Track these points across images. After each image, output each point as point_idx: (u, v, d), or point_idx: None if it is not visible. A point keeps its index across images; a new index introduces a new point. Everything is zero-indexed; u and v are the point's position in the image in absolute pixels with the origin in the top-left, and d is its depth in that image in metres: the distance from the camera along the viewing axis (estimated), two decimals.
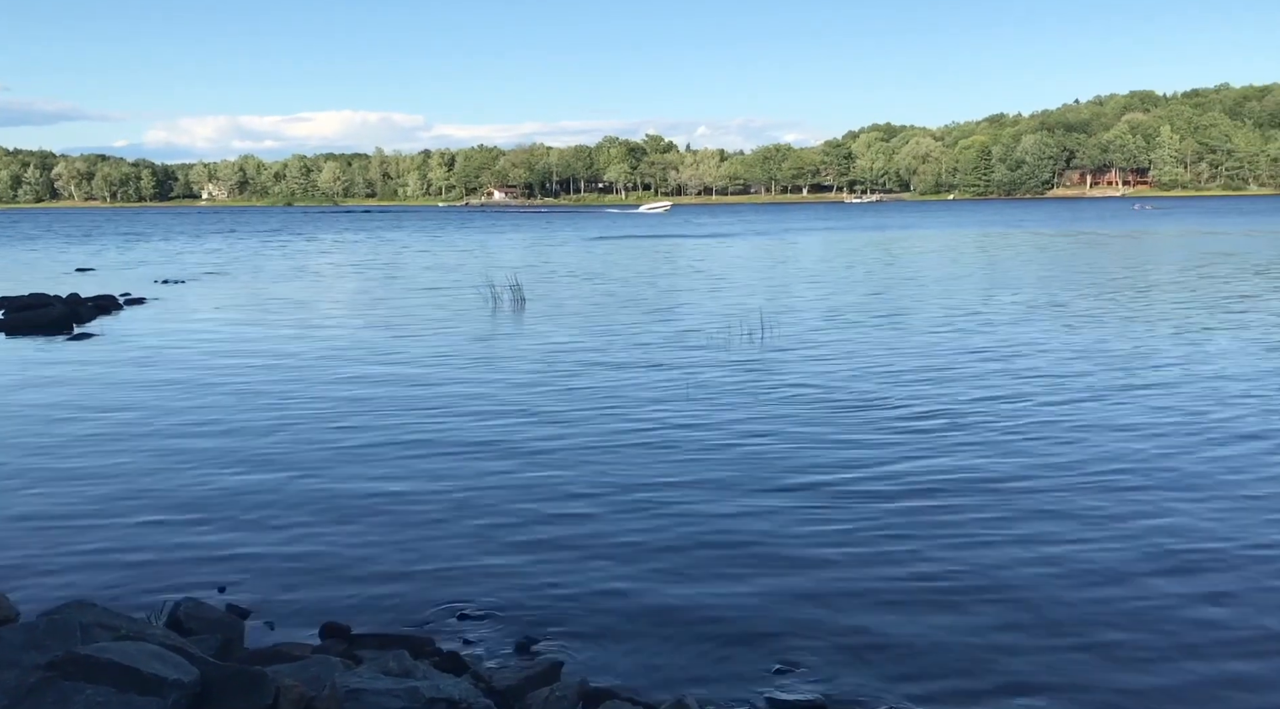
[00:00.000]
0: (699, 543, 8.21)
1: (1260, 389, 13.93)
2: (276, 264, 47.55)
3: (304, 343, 20.13)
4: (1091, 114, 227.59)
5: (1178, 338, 18.88)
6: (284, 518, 9.04)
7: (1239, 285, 28.96)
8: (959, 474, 10.05)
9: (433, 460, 10.90)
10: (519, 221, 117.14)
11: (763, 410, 13.04)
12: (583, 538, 8.37)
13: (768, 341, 19.03)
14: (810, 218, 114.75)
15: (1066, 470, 10.13)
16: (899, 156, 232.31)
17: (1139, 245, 52.85)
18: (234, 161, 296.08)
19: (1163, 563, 7.65)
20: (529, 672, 5.71)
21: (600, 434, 11.90)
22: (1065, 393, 13.85)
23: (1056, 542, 8.13)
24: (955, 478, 9.92)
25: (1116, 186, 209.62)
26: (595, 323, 22.72)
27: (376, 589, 7.40)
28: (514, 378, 15.74)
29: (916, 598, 7.03)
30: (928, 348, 18.12)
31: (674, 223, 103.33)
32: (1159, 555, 7.81)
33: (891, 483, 9.79)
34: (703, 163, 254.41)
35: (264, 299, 29.97)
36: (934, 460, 10.55)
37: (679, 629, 6.61)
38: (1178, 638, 6.39)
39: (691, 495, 9.48)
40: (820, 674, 5.97)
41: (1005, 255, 46.03)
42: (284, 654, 5.43)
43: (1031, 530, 8.39)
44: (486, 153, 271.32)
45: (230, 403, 14.13)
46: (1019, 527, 8.49)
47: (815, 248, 55.74)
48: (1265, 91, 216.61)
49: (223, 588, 7.46)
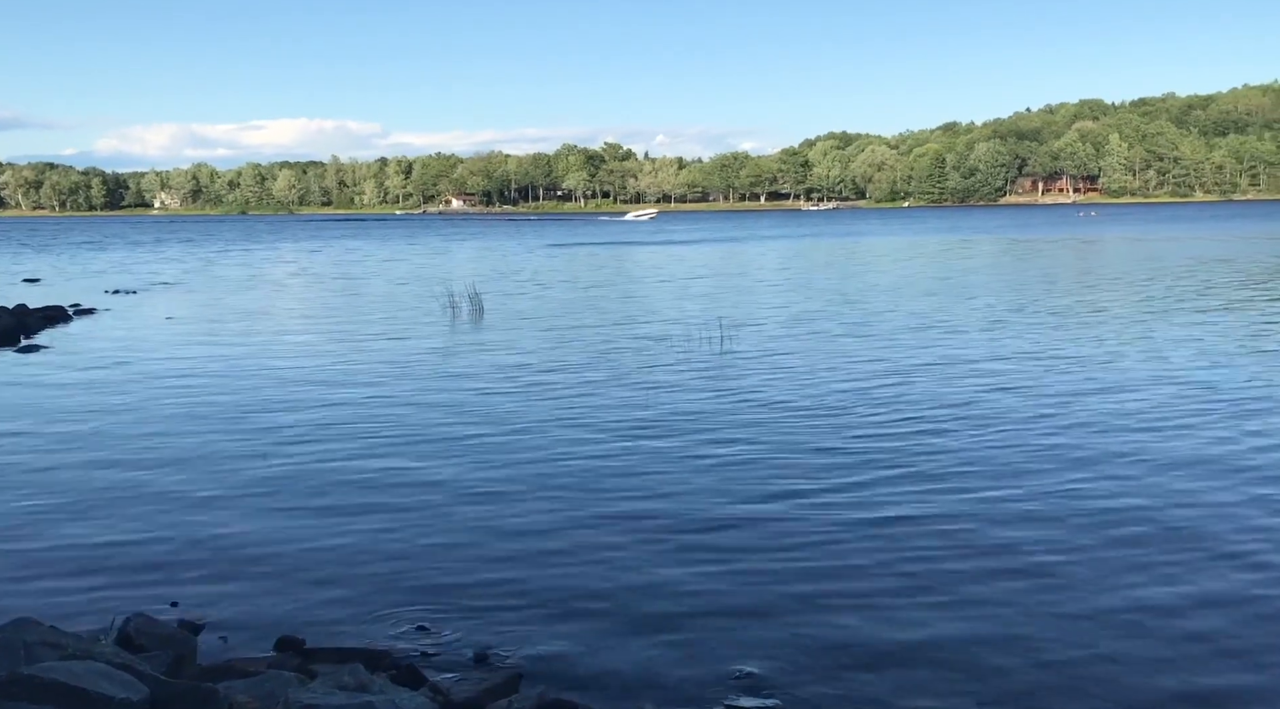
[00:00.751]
0: (658, 552, 8.20)
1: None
2: (231, 273, 46.96)
3: (256, 354, 19.88)
4: (1043, 122, 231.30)
5: (1107, 336, 19.22)
6: (238, 531, 8.91)
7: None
8: (917, 480, 10.13)
9: (389, 472, 10.79)
10: (488, 228, 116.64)
11: (723, 418, 13.07)
12: (541, 549, 8.33)
13: (728, 348, 19.08)
14: (770, 225, 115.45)
15: (1023, 475, 10.25)
16: (855, 164, 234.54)
17: (1075, 250, 53.76)
18: (187, 170, 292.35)
19: (1121, 556, 7.76)
20: (488, 683, 5.66)
21: (559, 444, 11.86)
22: (1020, 394, 14.04)
23: (1020, 549, 8.22)
24: (914, 483, 10.00)
25: (1067, 193, 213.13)
26: (554, 331, 22.67)
27: (333, 602, 7.31)
28: (470, 388, 15.65)
29: (878, 605, 7.06)
30: (887, 354, 18.28)
31: (646, 230, 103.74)
32: (1120, 547, 7.92)
33: (851, 491, 9.84)
34: (661, 171, 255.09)
35: (217, 310, 29.57)
36: (891, 469, 10.63)
37: (639, 639, 6.59)
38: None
39: (652, 505, 9.47)
40: (780, 681, 5.98)
41: (959, 262, 46.59)
42: (237, 669, 5.34)
43: (994, 536, 8.47)
44: (444, 161, 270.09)
45: (182, 415, 13.91)
46: (981, 533, 8.57)
47: (776, 255, 56.05)
48: (1209, 100, 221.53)
49: (175, 603, 7.33)
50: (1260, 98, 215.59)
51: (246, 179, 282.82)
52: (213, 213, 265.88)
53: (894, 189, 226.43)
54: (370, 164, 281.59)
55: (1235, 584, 7.33)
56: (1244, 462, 10.57)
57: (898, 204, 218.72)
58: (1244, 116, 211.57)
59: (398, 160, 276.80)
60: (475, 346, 20.55)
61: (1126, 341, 19.28)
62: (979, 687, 5.88)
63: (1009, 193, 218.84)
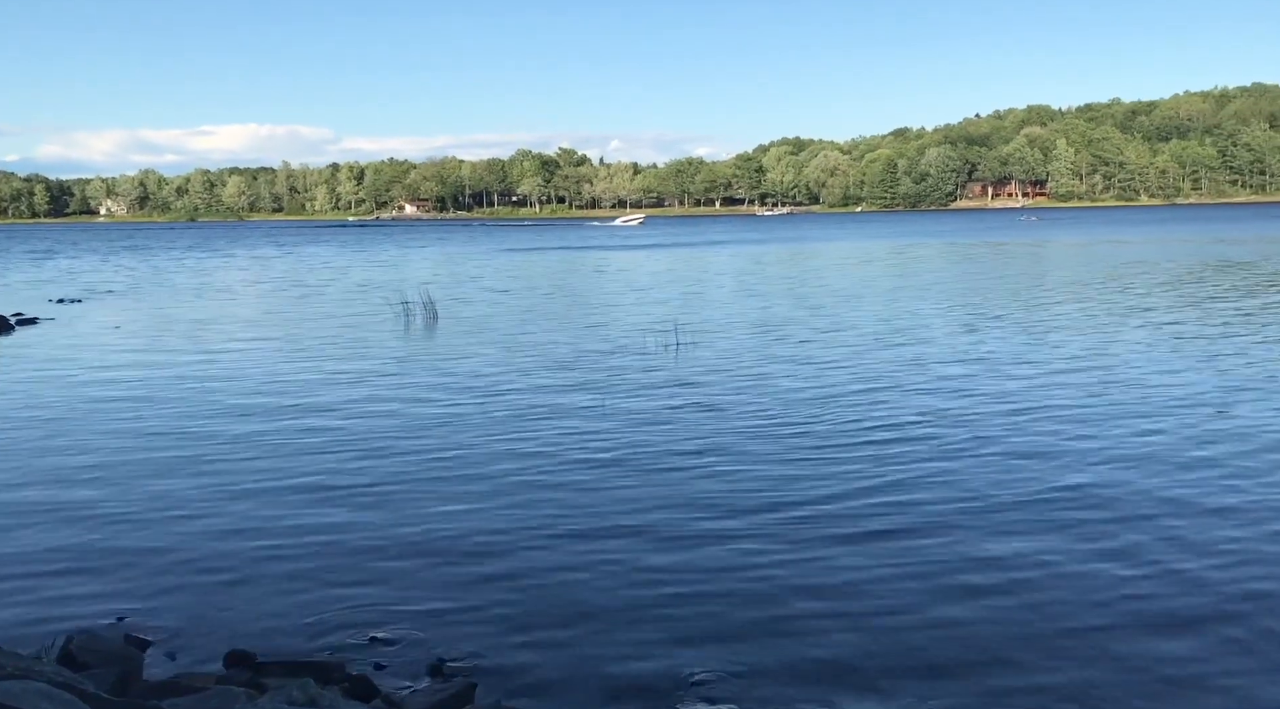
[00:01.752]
0: (613, 561, 8.16)
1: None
2: (181, 281, 46.20)
3: (204, 364, 19.56)
4: (991, 127, 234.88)
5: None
6: (187, 545, 8.74)
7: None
8: (873, 482, 10.20)
9: (341, 483, 10.65)
10: (450, 234, 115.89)
11: (678, 425, 13.08)
12: (496, 558, 8.26)
13: (684, 354, 19.11)
14: (727, 230, 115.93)
15: (979, 482, 10.37)
16: (808, 170, 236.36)
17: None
18: (133, 176, 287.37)
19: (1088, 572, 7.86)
20: (441, 694, 5.61)
21: (514, 454, 11.78)
22: (980, 399, 14.21)
23: (983, 558, 8.30)
24: (869, 486, 10.07)
25: (1016, 198, 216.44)
26: (509, 338, 22.57)
27: (285, 615, 7.20)
28: (422, 397, 15.51)
29: (834, 611, 7.08)
30: (847, 358, 18.42)
31: (604, 235, 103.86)
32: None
33: (804, 494, 9.88)
34: (616, 176, 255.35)
35: (165, 319, 29.06)
36: (846, 467, 10.70)
37: (594, 647, 6.56)
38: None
39: (606, 515, 9.44)
40: (735, 686, 5.98)
41: (908, 266, 47.12)
42: (184, 686, 5.22)
43: (942, 538, 8.55)
44: (397, 166, 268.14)
45: (128, 426, 13.65)
46: (935, 534, 8.64)
47: (733, 260, 56.28)
48: (1152, 106, 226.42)
49: (122, 618, 7.18)
50: (1200, 103, 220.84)
51: (195, 185, 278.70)
52: (160, 220, 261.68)
53: (847, 194, 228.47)
54: (322, 170, 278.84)
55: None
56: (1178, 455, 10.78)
57: (850, 209, 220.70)
58: (1185, 122, 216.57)
59: (350, 166, 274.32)
60: (427, 354, 20.39)
61: (1091, 347, 19.60)
62: (936, 690, 5.92)
63: (959, 198, 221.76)
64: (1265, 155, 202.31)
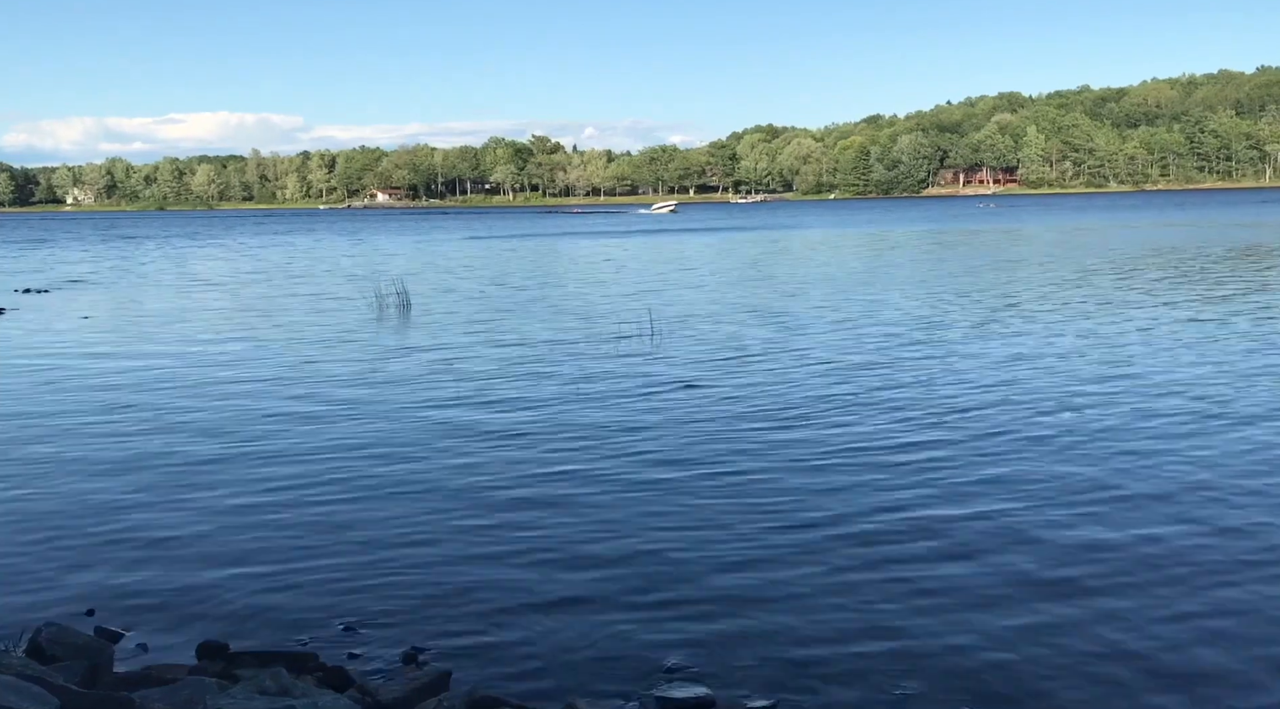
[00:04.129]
0: (584, 549, 8.16)
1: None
2: (150, 270, 45.71)
3: (176, 353, 19.37)
4: (963, 115, 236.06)
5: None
6: (159, 536, 8.67)
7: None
8: (841, 470, 10.26)
9: (313, 473, 10.59)
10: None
11: (650, 415, 13.09)
12: (469, 546, 8.25)
13: (659, 343, 19.12)
14: (704, 217, 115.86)
15: (943, 468, 10.46)
16: (782, 157, 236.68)
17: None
18: (101, 164, 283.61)
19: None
20: (416, 683, 5.59)
21: (486, 444, 11.74)
22: (950, 387, 14.34)
23: (947, 549, 8.38)
24: (836, 473, 10.13)
25: (987, 185, 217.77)
26: (483, 327, 22.50)
27: (258, 605, 7.16)
28: (394, 386, 15.44)
29: (806, 599, 7.09)
30: (816, 345, 18.52)
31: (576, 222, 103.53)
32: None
33: (774, 481, 9.93)
34: (590, 164, 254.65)
35: (133, 309, 28.74)
36: (812, 454, 10.76)
37: (570, 635, 6.56)
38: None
39: (579, 502, 9.44)
40: (710, 671, 6.00)
41: (868, 255, 47.36)
42: (155, 678, 5.19)
43: (914, 524, 8.62)
44: (369, 154, 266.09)
45: (97, 416, 13.50)
46: (914, 529, 8.71)
47: (708, 248, 56.33)
48: (1122, 93, 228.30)
49: (92, 610, 7.12)
50: (1169, 91, 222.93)
51: (164, 174, 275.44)
52: (129, 209, 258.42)
53: (820, 181, 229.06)
54: (292, 158, 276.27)
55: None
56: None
57: (824, 196, 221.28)
58: (1154, 109, 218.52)
59: (321, 154, 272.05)
60: (401, 345, 20.29)
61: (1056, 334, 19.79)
62: (905, 677, 5.97)
63: (931, 185, 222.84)
64: (1231, 142, 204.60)
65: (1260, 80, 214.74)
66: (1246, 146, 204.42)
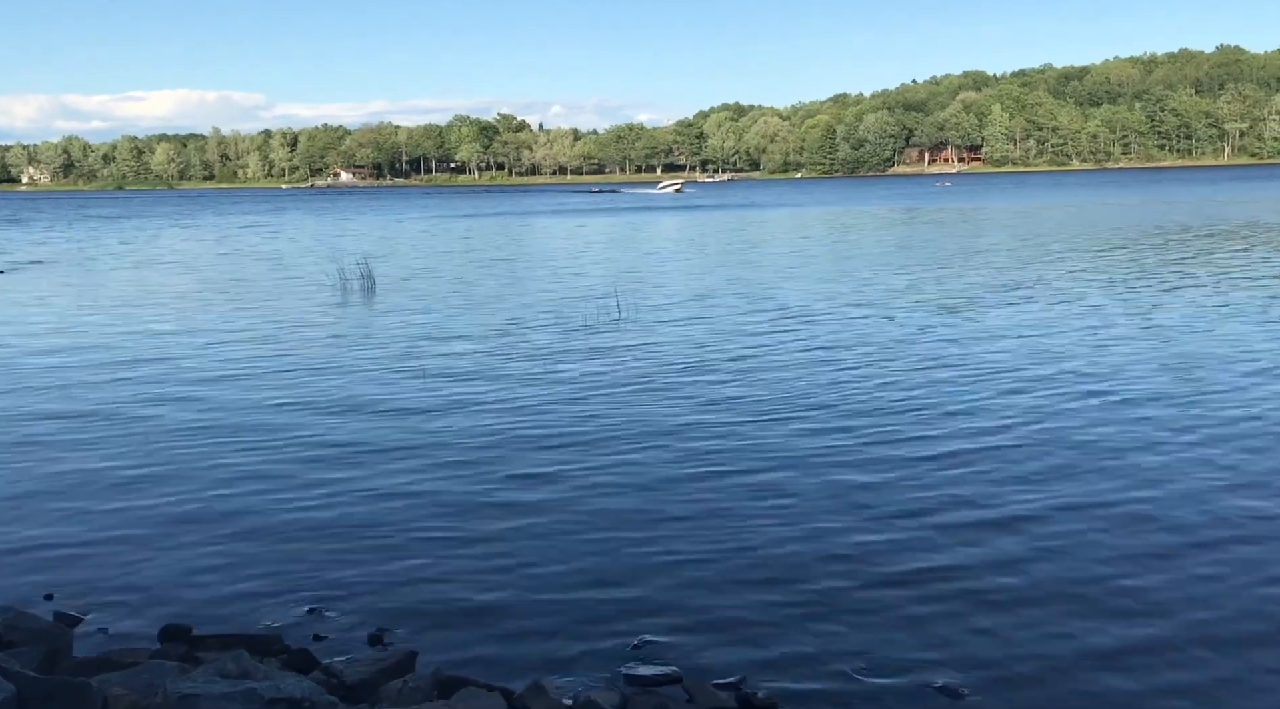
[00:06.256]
0: (551, 526, 8.16)
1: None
2: (110, 250, 44.99)
3: (136, 333, 19.10)
4: (928, 93, 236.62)
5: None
6: (119, 519, 8.56)
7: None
8: (803, 451, 10.31)
9: (277, 455, 10.50)
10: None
11: (617, 393, 13.09)
12: (433, 527, 8.21)
13: (625, 323, 19.10)
14: (672, 197, 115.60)
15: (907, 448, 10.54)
16: (748, 136, 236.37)
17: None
18: (57, 143, 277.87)
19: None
20: (382, 664, 5.56)
21: (450, 425, 11.69)
22: (899, 369, 14.44)
23: (902, 523, 8.44)
24: (799, 455, 10.18)
25: (952, 163, 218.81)
26: (448, 307, 22.37)
27: (222, 588, 7.10)
28: (358, 367, 15.31)
29: (773, 577, 7.12)
30: (785, 325, 18.59)
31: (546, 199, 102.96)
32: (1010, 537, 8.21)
33: (740, 460, 9.96)
34: (556, 142, 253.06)
35: (92, 290, 28.29)
36: (775, 437, 10.81)
37: (536, 614, 6.55)
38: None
39: (542, 484, 9.41)
40: (678, 649, 6.02)
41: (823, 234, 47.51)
42: (115, 662, 5.12)
43: (874, 512, 8.68)
44: (331, 132, 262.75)
45: (55, 398, 13.30)
46: (864, 506, 8.77)
47: (673, 227, 56.27)
48: (1084, 71, 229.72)
49: (50, 595, 7.02)
50: (1130, 69, 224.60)
51: (122, 152, 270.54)
52: (86, 188, 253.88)
53: (787, 160, 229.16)
54: (254, 137, 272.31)
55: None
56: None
57: (790, 175, 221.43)
58: (1116, 87, 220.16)
59: (283, 132, 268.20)
60: (364, 325, 20.12)
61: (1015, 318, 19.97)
62: (867, 654, 6.02)
63: (897, 163, 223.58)
64: (1191, 120, 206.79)
65: (1219, 59, 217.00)
66: (1206, 125, 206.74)
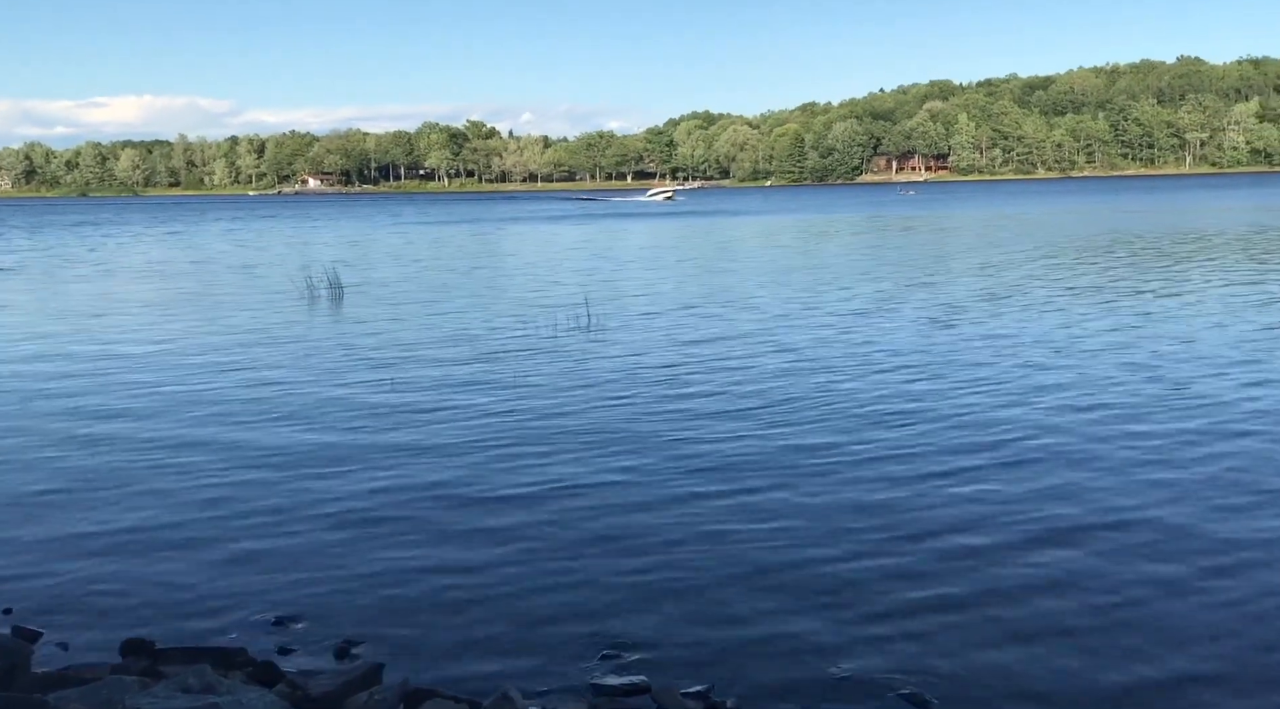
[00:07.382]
0: (518, 536, 8.11)
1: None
2: (75, 257, 44.40)
3: (98, 343, 18.84)
4: (896, 102, 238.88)
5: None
6: (79, 531, 8.42)
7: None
8: (771, 452, 10.34)
9: (241, 464, 10.37)
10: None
11: (583, 400, 13.06)
12: (401, 537, 8.14)
13: (594, 332, 19.08)
14: (642, 204, 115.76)
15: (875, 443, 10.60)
16: (718, 144, 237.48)
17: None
18: (19, 149, 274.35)
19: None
20: (348, 676, 5.50)
21: (417, 433, 11.59)
22: (871, 370, 14.52)
23: (863, 525, 8.48)
24: (768, 456, 10.21)
25: (920, 172, 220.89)
26: (417, 315, 22.27)
27: (185, 601, 7.00)
28: (323, 378, 15.14)
29: (734, 585, 7.11)
30: (751, 331, 18.65)
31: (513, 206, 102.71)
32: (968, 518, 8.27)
33: (710, 464, 9.97)
34: (527, 149, 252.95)
35: (53, 298, 27.91)
36: (742, 440, 10.83)
37: (503, 625, 6.51)
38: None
39: (510, 493, 9.36)
40: (646, 659, 6.00)
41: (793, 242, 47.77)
42: (74, 678, 5.03)
43: (846, 523, 8.72)
44: (299, 139, 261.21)
45: (12, 409, 13.08)
46: (836, 515, 8.80)
47: (642, 236, 56.35)
48: (1049, 81, 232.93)
49: (9, 609, 6.89)
50: (1094, 78, 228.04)
51: (86, 159, 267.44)
52: (49, 195, 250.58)
53: (756, 169, 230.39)
54: (221, 143, 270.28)
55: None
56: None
57: (760, 183, 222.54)
58: (1080, 97, 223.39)
59: (250, 139, 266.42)
60: (333, 334, 19.98)
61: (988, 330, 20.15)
62: (840, 665, 6.04)
63: (865, 172, 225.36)
64: (1153, 130, 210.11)
65: (1180, 70, 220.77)
66: (1168, 134, 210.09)
